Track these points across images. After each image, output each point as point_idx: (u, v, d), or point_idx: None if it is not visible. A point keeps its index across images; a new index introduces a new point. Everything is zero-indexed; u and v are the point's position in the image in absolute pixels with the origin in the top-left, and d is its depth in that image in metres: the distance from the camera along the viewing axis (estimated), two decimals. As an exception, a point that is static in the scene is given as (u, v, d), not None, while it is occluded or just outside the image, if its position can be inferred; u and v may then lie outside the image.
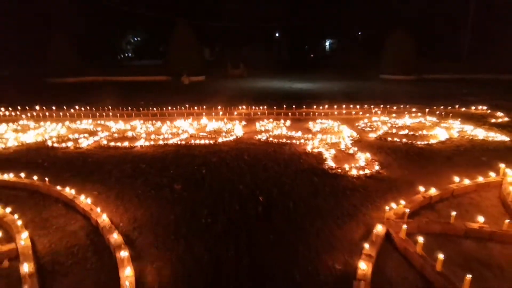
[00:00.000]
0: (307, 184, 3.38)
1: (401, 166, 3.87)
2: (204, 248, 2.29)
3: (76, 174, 3.65)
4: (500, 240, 2.35)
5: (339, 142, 4.78)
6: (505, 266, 2.11)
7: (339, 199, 3.03)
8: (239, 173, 3.68)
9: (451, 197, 3.04)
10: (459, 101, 8.17)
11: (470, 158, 4.17)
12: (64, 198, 2.97)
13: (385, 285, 1.92)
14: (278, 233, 2.47)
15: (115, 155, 4.37)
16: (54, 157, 4.27)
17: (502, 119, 6.45)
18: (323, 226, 2.56)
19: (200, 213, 2.77)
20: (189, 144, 4.85)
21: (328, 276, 1.99)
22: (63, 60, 15.91)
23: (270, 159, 4.16)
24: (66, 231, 2.49)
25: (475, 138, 5.06)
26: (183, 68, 14.71)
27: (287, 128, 5.79)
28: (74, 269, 2.07)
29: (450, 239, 2.37)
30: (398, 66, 15.69)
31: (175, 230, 2.51)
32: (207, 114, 6.85)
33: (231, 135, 5.29)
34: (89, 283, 1.93)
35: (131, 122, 6.21)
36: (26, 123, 6.21)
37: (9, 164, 3.91)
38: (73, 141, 4.92)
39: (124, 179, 3.52)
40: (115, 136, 5.28)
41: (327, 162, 3.95)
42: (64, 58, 16.02)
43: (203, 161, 4.07)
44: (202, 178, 3.55)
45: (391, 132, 5.40)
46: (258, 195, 3.09)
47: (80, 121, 6.38)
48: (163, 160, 4.13)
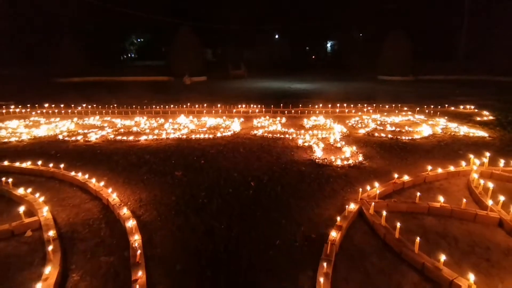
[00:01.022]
0: (295, 172, 3.73)
1: (383, 158, 4.23)
2: (200, 221, 2.66)
3: (86, 163, 4.02)
4: (459, 217, 2.70)
5: (329, 137, 5.14)
6: (460, 238, 2.45)
7: (322, 184, 3.38)
8: (234, 163, 4.04)
9: (423, 183, 3.40)
10: (450, 101, 8.52)
11: (448, 151, 4.52)
12: (77, 182, 3.34)
13: (351, 247, 2.28)
14: (265, 210, 2.83)
15: (121, 147, 4.75)
16: (66, 149, 4.65)
17: (487, 118, 6.79)
18: (305, 205, 2.92)
19: (197, 195, 3.14)
20: (190, 138, 5.22)
21: (305, 242, 2.35)
22: (70, 61, 16.40)
23: (264, 151, 4.53)
24: (81, 208, 2.86)
25: (457, 134, 5.40)
26: (185, 68, 15.14)
27: (282, 124, 6.15)
28: (90, 236, 2.43)
29: (415, 216, 2.72)
30: (395, 67, 16.06)
31: (176, 208, 2.88)
32: (207, 112, 7.23)
33: (229, 130, 5.66)
34: (103, 247, 2.30)
35: (136, 119, 6.59)
36: (37, 119, 6.61)
37: (24, 155, 4.28)
38: (82, 135, 5.31)
39: (130, 167, 3.89)
40: (121, 131, 5.66)
41: (316, 154, 4.30)
42: (71, 59, 16.51)
43: (202, 153, 4.44)
44: (201, 167, 3.92)
45: (379, 129, 5.75)
46: (250, 181, 3.46)
47: (88, 117, 6.77)
48: (165, 152, 4.51)
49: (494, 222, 2.62)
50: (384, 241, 2.36)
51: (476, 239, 2.43)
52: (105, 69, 18.69)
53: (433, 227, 2.57)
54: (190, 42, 16.10)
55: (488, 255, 2.24)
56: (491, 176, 3.56)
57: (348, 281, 1.97)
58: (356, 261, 2.15)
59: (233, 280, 1.99)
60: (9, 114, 7.24)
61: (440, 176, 3.51)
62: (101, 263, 2.12)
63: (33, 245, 2.32)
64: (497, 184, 3.35)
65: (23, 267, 2.08)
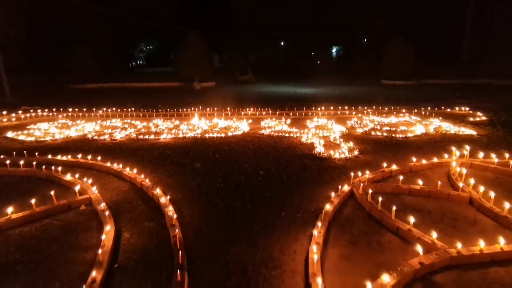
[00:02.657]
0: (299, 164, 4.29)
1: (377, 152, 4.76)
2: (219, 200, 3.23)
3: (116, 157, 4.63)
4: (435, 196, 3.22)
5: (329, 135, 5.68)
6: (433, 212, 2.97)
7: (322, 173, 3.93)
8: (245, 157, 4.62)
9: (409, 172, 3.92)
10: (448, 103, 8.99)
11: (437, 147, 5.02)
12: (113, 171, 3.95)
13: (342, 218, 2.82)
14: (272, 192, 3.39)
15: (144, 144, 5.36)
16: (96, 146, 5.28)
17: (479, 118, 7.25)
18: (306, 188, 3.47)
19: (215, 181, 3.71)
20: (204, 137, 5.82)
21: (304, 214, 2.90)
22: (85, 68, 17.31)
23: (271, 147, 5.10)
24: (120, 190, 3.46)
25: (447, 132, 5.90)
26: (194, 74, 15.85)
27: (287, 125, 6.72)
28: (131, 209, 3.02)
29: (398, 196, 3.25)
30: (398, 71, 16.52)
31: (198, 191, 3.46)
32: (218, 114, 7.84)
33: (238, 130, 6.24)
34: (143, 216, 2.88)
35: (153, 121, 7.23)
36: (64, 122, 7.30)
37: (61, 151, 4.91)
38: (108, 135, 5.94)
39: (154, 161, 4.49)
40: (142, 131, 6.29)
41: (317, 149, 4.85)
42: (85, 66, 17.42)
43: (216, 149, 5.03)
44: (216, 160, 4.50)
45: (376, 128, 6.27)
46: (259, 171, 4.02)
47: (110, 120, 7.44)
48: (183, 148, 5.10)
49: (465, 201, 3.13)
50: (369, 214, 2.89)
51: (447, 213, 2.94)
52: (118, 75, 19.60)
53: (412, 204, 3.10)
54: (199, 49, 16.85)
55: (455, 224, 2.76)
56: (471, 166, 4.07)
57: (338, 239, 2.51)
58: (345, 227, 2.69)
59: (248, 238, 2.54)
60: (38, 117, 7.96)
61: (424, 166, 4.02)
62: (144, 227, 2.70)
63: (88, 215, 2.92)
64: (474, 173, 3.88)
65: (85, 229, 2.67)
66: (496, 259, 2.28)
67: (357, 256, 2.31)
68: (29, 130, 6.41)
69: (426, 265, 2.10)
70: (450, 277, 2.10)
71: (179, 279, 1.91)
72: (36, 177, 3.84)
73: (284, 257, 2.31)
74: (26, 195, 3.25)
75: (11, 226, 2.69)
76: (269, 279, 2.08)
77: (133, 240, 2.52)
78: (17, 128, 6.63)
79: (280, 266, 2.21)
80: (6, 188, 3.58)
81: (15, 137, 5.91)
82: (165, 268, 2.16)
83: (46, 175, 3.78)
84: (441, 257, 2.17)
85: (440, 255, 2.18)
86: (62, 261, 2.28)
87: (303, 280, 2.07)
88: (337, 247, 2.42)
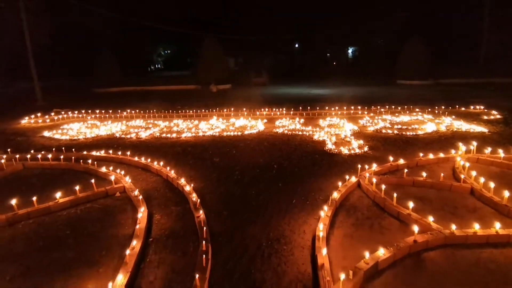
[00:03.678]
0: (310, 159, 4.58)
1: (386, 149, 4.97)
2: (236, 189, 3.58)
3: (142, 153, 5.07)
4: (438, 187, 3.44)
5: (341, 133, 5.93)
6: (434, 200, 3.20)
7: (331, 167, 4.20)
8: (260, 152, 4.95)
9: (416, 166, 4.12)
10: (463, 102, 8.98)
11: (446, 144, 5.17)
12: (141, 164, 4.38)
13: (348, 205, 3.10)
14: (284, 183, 3.71)
15: (167, 142, 5.80)
16: (123, 144, 5.77)
17: (493, 116, 7.27)
18: (316, 180, 3.76)
19: (233, 174, 4.07)
20: (222, 135, 6.20)
21: (313, 201, 3.20)
22: (108, 73, 18.23)
23: (284, 144, 5.41)
24: (148, 181, 3.88)
25: (459, 130, 6.01)
26: (211, 77, 16.39)
27: (300, 124, 7.00)
28: (160, 196, 3.42)
29: (402, 187, 3.49)
30: (414, 71, 16.41)
31: (217, 181, 3.82)
32: (234, 115, 8.22)
33: (254, 129, 6.59)
34: (171, 202, 3.27)
35: (174, 121, 7.70)
36: (93, 122, 7.90)
37: (93, 148, 5.41)
38: (135, 134, 6.44)
39: (177, 156, 4.90)
40: (164, 130, 6.75)
41: (328, 146, 5.12)
42: (109, 71, 18.35)
43: (233, 146, 5.40)
44: (233, 155, 4.87)
45: (388, 127, 6.46)
46: (273, 165, 4.35)
47: (134, 120, 7.97)
48: (203, 145, 5.50)
49: (467, 191, 3.33)
50: (373, 201, 3.15)
51: (447, 202, 3.16)
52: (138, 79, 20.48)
53: (415, 194, 3.33)
54: (215, 52, 17.40)
55: (454, 211, 2.98)
56: (477, 161, 4.23)
57: (343, 222, 2.80)
58: (350, 212, 2.97)
59: (262, 220, 2.87)
60: (69, 118, 8.62)
61: (431, 161, 4.22)
62: (172, 210, 3.09)
63: (123, 201, 3.34)
64: (480, 167, 4.05)
65: (122, 212, 3.08)
66: (491, 242, 2.50)
67: (359, 235, 2.59)
68: (63, 130, 7.01)
69: (420, 243, 2.36)
70: (443, 254, 2.35)
71: (204, 249, 2.26)
72: (75, 170, 4.32)
73: (294, 235, 2.62)
74: (68, 184, 3.71)
75: (60, 209, 3.15)
76: (280, 252, 2.40)
77: (163, 221, 2.90)
78: (52, 128, 7.26)
79: (290, 242, 2.53)
80: (50, 179, 4.08)
81: (51, 136, 6.51)
82: (191, 242, 2.53)
83: (84, 168, 4.26)
84: (436, 237, 2.42)
85: (435, 235, 2.43)
86: (105, 235, 2.69)
87: (310, 254, 2.38)
88: (342, 228, 2.71)
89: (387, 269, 2.19)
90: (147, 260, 2.33)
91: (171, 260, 2.34)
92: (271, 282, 2.09)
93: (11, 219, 2.91)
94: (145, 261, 2.33)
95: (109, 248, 2.49)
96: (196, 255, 2.30)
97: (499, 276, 2.15)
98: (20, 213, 2.96)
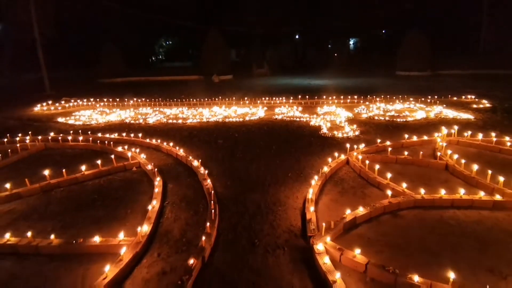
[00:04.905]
0: (306, 141, 5.02)
1: (376, 133, 5.40)
2: (239, 165, 4.03)
3: (152, 136, 5.52)
4: (417, 164, 3.88)
5: (336, 119, 6.35)
6: (412, 174, 3.64)
7: (325, 148, 4.65)
8: (260, 136, 5.40)
9: (401, 147, 4.56)
10: (456, 92, 9.34)
11: (432, 129, 5.58)
12: (153, 145, 4.84)
13: (336, 177, 3.55)
14: (282, 160, 4.16)
15: (174, 127, 6.25)
16: (133, 128, 6.21)
17: (483, 105, 7.66)
18: (310, 158, 4.21)
19: (235, 153, 4.52)
20: (225, 121, 6.64)
21: (307, 175, 3.65)
22: (113, 64, 18.60)
23: (283, 129, 5.85)
24: (160, 159, 4.34)
25: (446, 117, 6.41)
26: (213, 68, 16.73)
27: (299, 111, 7.41)
28: (172, 170, 3.88)
29: (386, 164, 3.93)
30: (413, 63, 16.68)
31: (222, 159, 4.28)
32: (236, 103, 8.63)
33: (255, 116, 7.01)
34: (182, 175, 3.73)
35: (179, 109, 8.13)
36: (103, 110, 8.33)
37: (105, 132, 5.86)
38: (143, 120, 6.88)
39: (184, 139, 5.35)
40: (171, 116, 7.18)
41: (323, 130, 5.55)
42: (113, 62, 18.70)
43: (236, 130, 5.83)
44: (236, 138, 5.31)
45: (380, 114, 6.86)
46: (272, 146, 4.79)
47: (142, 108, 8.40)
48: (207, 130, 5.94)
49: (442, 167, 3.77)
50: (359, 175, 3.60)
51: (424, 175, 3.61)
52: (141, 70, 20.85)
53: (397, 170, 3.77)
54: (218, 44, 17.70)
55: (428, 182, 3.42)
56: (458, 143, 4.66)
57: (331, 191, 3.25)
58: (338, 183, 3.43)
59: (261, 189, 3.32)
60: (79, 106, 9.06)
61: (415, 143, 4.65)
62: (183, 181, 3.55)
63: (139, 174, 3.80)
64: (459, 148, 4.48)
65: (139, 182, 3.55)
66: (456, 205, 2.95)
67: (344, 200, 3.05)
68: (75, 116, 7.46)
69: (394, 204, 2.81)
70: (413, 213, 2.81)
71: (212, 207, 2.72)
72: (92, 150, 4.79)
73: (288, 200, 3.08)
74: (88, 161, 4.17)
75: (85, 179, 3.61)
76: (276, 212, 2.86)
77: (176, 189, 3.37)
78: (64, 115, 7.70)
79: (285, 204, 2.99)
80: (71, 156, 4.55)
81: (65, 121, 6.96)
82: (201, 204, 2.99)
83: (101, 148, 4.72)
84: (407, 200, 2.87)
85: (406, 198, 2.88)
86: (128, 199, 3.15)
87: (301, 213, 2.83)
88: (329, 195, 3.17)
89: (364, 223, 2.64)
90: (164, 217, 2.80)
91: (185, 216, 2.80)
92: (267, 232, 2.55)
93: (44, 187, 3.38)
94: (163, 217, 2.79)
95: (132, 208, 2.96)
96: (206, 214, 2.77)
97: (458, 229, 2.60)
98: (52, 182, 3.43)
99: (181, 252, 2.30)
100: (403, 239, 2.44)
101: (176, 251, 2.32)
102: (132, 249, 2.19)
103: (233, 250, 2.33)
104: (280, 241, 2.43)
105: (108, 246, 2.29)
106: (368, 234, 2.50)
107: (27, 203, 3.13)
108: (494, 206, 2.88)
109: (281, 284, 1.99)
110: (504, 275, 2.03)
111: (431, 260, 2.17)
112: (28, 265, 2.24)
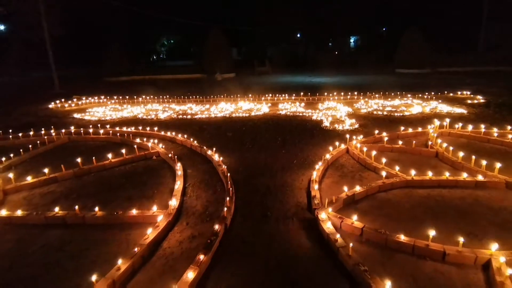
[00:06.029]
0: (309, 133, 5.43)
1: (374, 126, 5.79)
2: (248, 154, 4.44)
3: (165, 129, 5.93)
4: (410, 152, 4.28)
5: (336, 114, 6.75)
6: (406, 161, 4.04)
7: (326, 139, 5.05)
8: (266, 129, 5.81)
9: (397, 138, 4.96)
10: (453, 88, 9.71)
11: (427, 122, 5.98)
12: (168, 137, 5.25)
13: (337, 164, 3.96)
14: (287, 150, 4.57)
15: (184, 122, 6.66)
16: (146, 123, 6.60)
17: (478, 101, 8.04)
18: (312, 148, 4.62)
19: (244, 144, 4.93)
20: (231, 116, 7.04)
21: (311, 162, 4.06)
22: (117, 63, 19.01)
23: (287, 123, 6.25)
24: (176, 149, 4.75)
25: (441, 112, 6.80)
26: (216, 66, 17.12)
27: (301, 107, 7.81)
28: (188, 159, 4.29)
29: (383, 152, 4.33)
30: (412, 60, 17.04)
31: (232, 149, 4.69)
32: (241, 100, 9.03)
33: (260, 111, 7.41)
34: (198, 162, 4.15)
35: (188, 105, 8.54)
36: (115, 106, 8.75)
37: (121, 126, 6.27)
38: (154, 115, 7.29)
39: (195, 132, 5.76)
40: (180, 112, 7.60)
41: (324, 124, 5.96)
42: (118, 61, 19.12)
43: (242, 124, 6.24)
44: (243, 131, 5.72)
45: (379, 109, 7.26)
46: (277, 138, 5.20)
47: (151, 104, 8.82)
48: (216, 124, 6.36)
49: (432, 155, 4.17)
50: (357, 161, 4.01)
51: (416, 161, 4.01)
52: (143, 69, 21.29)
53: (392, 157, 4.17)
54: (220, 42, 18.09)
55: (419, 167, 3.81)
56: (449, 134, 5.05)
57: (332, 175, 3.66)
58: (338, 168, 3.83)
59: (270, 174, 3.73)
60: (92, 103, 9.48)
61: (410, 134, 5.05)
62: (199, 167, 3.97)
63: (160, 162, 4.22)
64: (451, 139, 4.87)
65: (161, 169, 3.97)
66: (442, 185, 3.35)
67: (343, 182, 3.45)
68: (90, 112, 7.88)
69: (387, 184, 3.22)
70: (404, 191, 3.21)
71: (229, 187, 3.13)
72: (113, 142, 5.20)
73: (294, 182, 3.49)
74: (111, 151, 4.58)
75: (112, 166, 4.03)
76: (284, 191, 3.27)
77: (194, 173, 3.78)
78: (79, 111, 8.12)
79: (291, 186, 3.40)
80: (94, 147, 4.96)
81: (81, 117, 7.38)
82: (218, 186, 3.41)
83: (121, 140, 5.14)
84: (399, 180, 3.28)
85: (398, 179, 3.29)
86: (153, 182, 3.57)
87: (306, 192, 3.24)
88: (331, 178, 3.58)
89: (362, 200, 3.05)
90: (187, 196, 3.22)
91: (205, 195, 3.22)
92: (277, 207, 2.96)
93: (77, 172, 3.79)
94: (186, 196, 3.21)
95: (158, 189, 3.37)
96: (223, 194, 3.18)
97: (442, 203, 3.00)
98: (83, 169, 3.84)
99: (206, 222, 2.72)
100: (394, 210, 2.85)
101: (201, 221, 2.73)
102: (166, 218, 2.60)
103: (250, 220, 2.75)
104: (289, 213, 2.85)
105: (144, 217, 2.71)
106: (364, 208, 2.91)
107: (64, 186, 3.55)
108: (477, 185, 3.28)
109: (291, 244, 2.40)
110: (479, 238, 2.44)
111: (417, 226, 2.58)
112: (77, 233, 2.66)
